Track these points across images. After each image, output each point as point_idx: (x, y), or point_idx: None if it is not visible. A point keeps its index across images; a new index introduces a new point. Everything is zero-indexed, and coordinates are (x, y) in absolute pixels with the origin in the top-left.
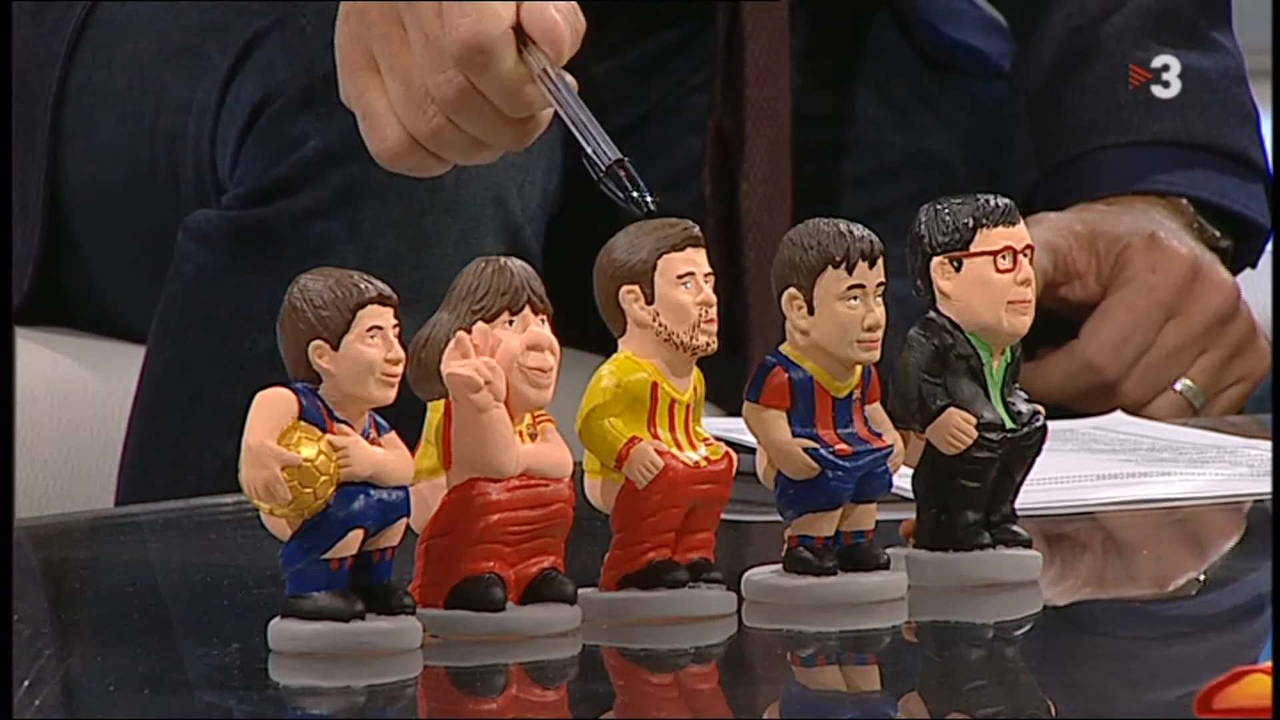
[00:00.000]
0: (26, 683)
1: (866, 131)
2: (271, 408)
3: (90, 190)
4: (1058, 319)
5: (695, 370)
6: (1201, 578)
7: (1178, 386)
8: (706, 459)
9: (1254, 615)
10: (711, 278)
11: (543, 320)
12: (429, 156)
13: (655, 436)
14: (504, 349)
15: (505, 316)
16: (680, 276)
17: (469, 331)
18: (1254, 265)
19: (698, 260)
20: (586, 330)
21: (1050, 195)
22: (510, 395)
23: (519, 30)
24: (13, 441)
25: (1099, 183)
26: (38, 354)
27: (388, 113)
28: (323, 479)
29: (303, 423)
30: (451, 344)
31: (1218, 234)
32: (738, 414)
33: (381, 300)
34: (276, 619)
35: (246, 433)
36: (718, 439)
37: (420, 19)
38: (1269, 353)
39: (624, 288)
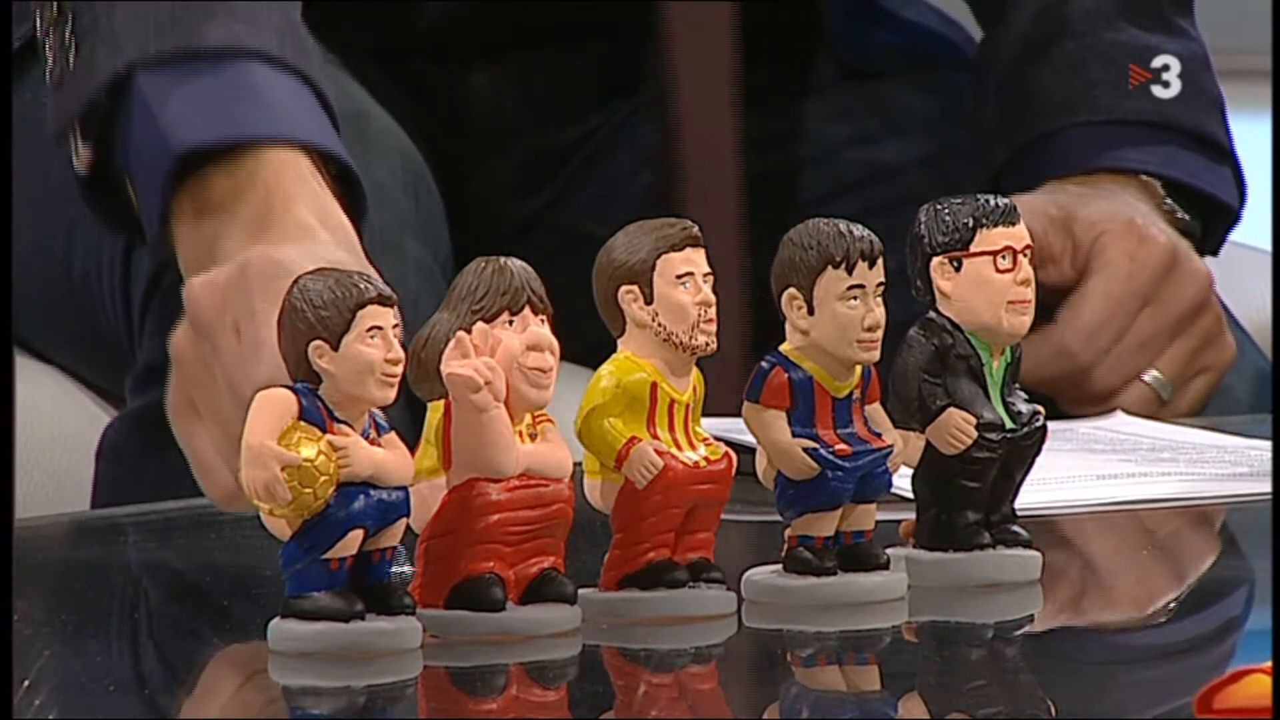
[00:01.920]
0: (26, 683)
1: (818, 149)
2: (271, 408)
3: (28, 290)
4: None
5: (695, 370)
6: (1203, 580)
7: (1146, 378)
8: (706, 459)
9: (1254, 616)
10: (710, 277)
11: (542, 320)
12: None
13: (655, 436)
14: (504, 349)
15: (505, 316)
16: (679, 276)
17: (469, 331)
18: (1215, 253)
19: (696, 260)
20: (580, 342)
21: (1019, 173)
22: (510, 395)
23: None
24: (13, 442)
25: (1069, 160)
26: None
27: (215, 457)
28: (323, 479)
29: (303, 423)
30: (451, 344)
31: (1186, 217)
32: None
33: (381, 300)
34: (276, 619)
35: (246, 432)
36: (718, 439)
37: (224, 365)
38: (1234, 345)
39: (623, 288)
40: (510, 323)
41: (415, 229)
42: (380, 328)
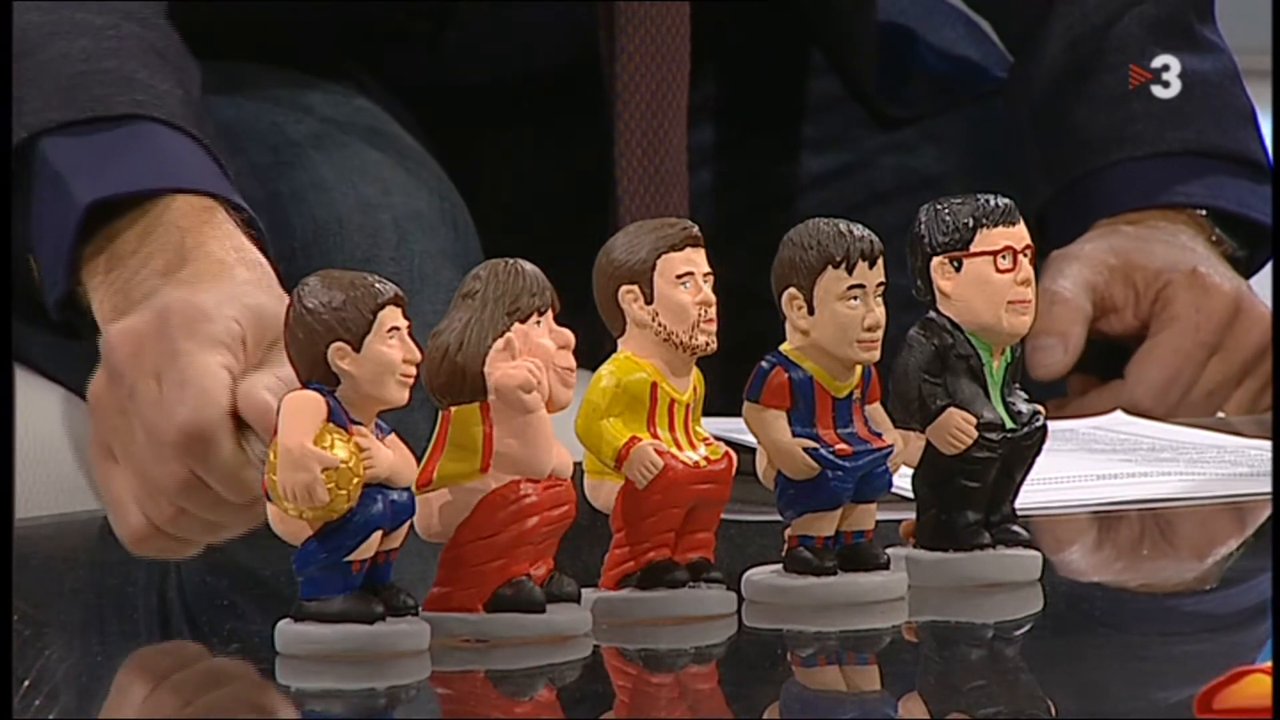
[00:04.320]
0: (26, 683)
1: (855, 155)
2: (304, 410)
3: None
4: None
5: (695, 370)
6: (1203, 580)
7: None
8: (706, 459)
9: (1255, 616)
10: (710, 277)
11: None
12: (172, 540)
13: (655, 436)
14: (542, 350)
15: (535, 318)
16: (679, 276)
17: (509, 333)
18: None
19: (697, 260)
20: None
21: (1066, 213)
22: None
23: (236, 415)
24: (13, 442)
25: (1117, 199)
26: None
27: (129, 500)
28: (355, 480)
29: (331, 424)
30: (499, 346)
31: (1234, 244)
32: None
33: (397, 301)
34: (285, 622)
35: (281, 435)
36: (718, 439)
37: (141, 411)
38: None
39: (623, 287)
40: (538, 323)
41: (454, 259)
42: (398, 328)
